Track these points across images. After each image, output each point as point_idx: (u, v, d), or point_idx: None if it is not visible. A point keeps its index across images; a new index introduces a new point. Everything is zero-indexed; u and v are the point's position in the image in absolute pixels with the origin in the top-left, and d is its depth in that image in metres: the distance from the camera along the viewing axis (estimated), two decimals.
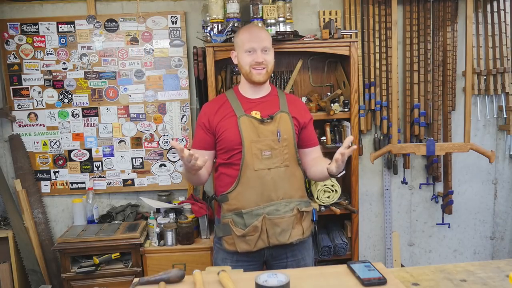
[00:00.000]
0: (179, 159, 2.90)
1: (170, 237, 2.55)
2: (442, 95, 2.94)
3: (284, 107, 1.89)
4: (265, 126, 1.82)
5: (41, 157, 2.90)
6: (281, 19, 2.56)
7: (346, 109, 2.60)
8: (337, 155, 1.65)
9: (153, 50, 2.85)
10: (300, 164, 1.90)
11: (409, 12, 2.88)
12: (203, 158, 1.68)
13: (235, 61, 1.93)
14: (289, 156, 1.84)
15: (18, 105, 2.85)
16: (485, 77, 2.98)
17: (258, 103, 1.89)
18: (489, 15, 2.92)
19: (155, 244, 2.58)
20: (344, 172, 1.74)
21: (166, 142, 2.92)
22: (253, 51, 1.82)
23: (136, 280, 1.28)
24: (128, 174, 2.93)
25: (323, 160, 1.89)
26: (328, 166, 1.73)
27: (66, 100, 2.87)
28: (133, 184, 2.95)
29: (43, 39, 2.81)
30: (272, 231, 1.78)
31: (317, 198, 2.54)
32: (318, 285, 1.24)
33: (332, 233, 2.75)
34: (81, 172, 2.92)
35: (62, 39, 2.82)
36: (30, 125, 2.87)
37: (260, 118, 1.83)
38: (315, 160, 1.93)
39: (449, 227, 3.14)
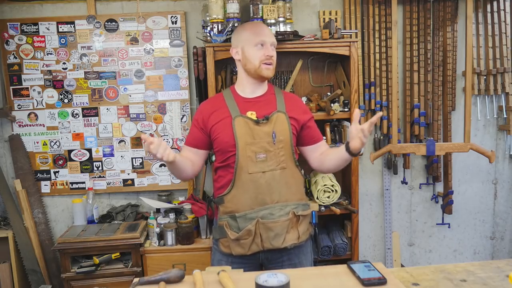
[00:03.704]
0: None
1: (170, 237, 2.55)
2: (442, 95, 2.95)
3: (281, 106, 1.84)
4: (260, 127, 1.77)
5: (41, 157, 2.90)
6: (281, 19, 2.56)
7: (346, 109, 2.60)
8: (356, 132, 1.62)
9: (153, 50, 2.85)
10: (298, 165, 1.86)
11: (409, 12, 2.88)
12: (172, 153, 1.63)
13: (236, 57, 1.86)
14: (285, 158, 1.80)
15: (18, 105, 2.85)
16: (485, 77, 2.98)
17: (254, 103, 1.84)
18: (489, 15, 2.92)
19: (155, 244, 2.58)
20: (363, 151, 1.72)
21: (167, 142, 2.91)
22: (264, 44, 1.80)
23: (136, 280, 1.27)
24: (128, 174, 2.93)
25: (334, 149, 1.85)
26: (351, 144, 1.66)
27: (66, 100, 2.87)
28: (133, 184, 2.95)
29: (43, 39, 2.81)
30: (266, 235, 1.74)
31: (317, 198, 2.54)
32: (318, 285, 1.24)
33: (332, 233, 2.75)
34: (81, 172, 2.92)
35: (62, 39, 2.82)
36: (30, 125, 2.87)
37: (256, 119, 1.79)
38: (325, 153, 1.89)
39: (449, 227, 3.14)
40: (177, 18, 2.83)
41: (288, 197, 1.80)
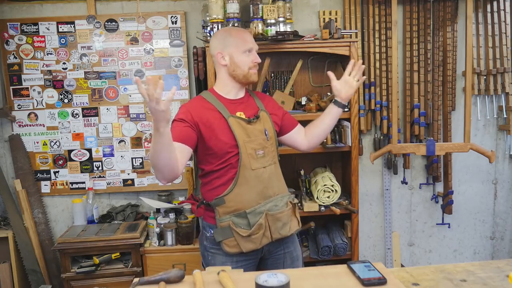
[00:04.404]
0: None
1: (170, 237, 2.55)
2: (442, 95, 2.95)
3: (261, 106, 1.92)
4: (252, 126, 1.82)
5: (41, 157, 2.90)
6: (281, 19, 2.56)
7: (346, 109, 2.59)
8: (341, 86, 1.88)
9: (153, 50, 2.85)
10: (279, 160, 1.95)
11: (409, 12, 2.88)
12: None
13: (222, 62, 1.82)
14: (275, 154, 1.89)
15: (18, 105, 2.85)
16: (485, 77, 2.98)
17: (239, 104, 1.87)
18: (489, 15, 2.93)
19: (155, 244, 2.59)
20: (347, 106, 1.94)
21: None
22: (251, 51, 1.84)
23: (136, 280, 1.27)
24: (128, 174, 2.94)
25: (316, 119, 2.00)
26: (343, 94, 1.88)
27: (66, 100, 2.87)
28: (133, 184, 2.95)
29: (43, 39, 2.81)
30: (274, 226, 1.80)
31: (317, 198, 2.54)
32: (318, 285, 1.24)
33: (332, 233, 2.75)
34: (81, 172, 2.92)
35: (62, 39, 2.82)
36: (30, 125, 2.87)
37: (247, 118, 1.83)
38: (307, 128, 2.02)
39: (449, 227, 3.14)
40: (177, 18, 2.83)
41: (282, 189, 1.91)
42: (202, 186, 1.87)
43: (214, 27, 2.45)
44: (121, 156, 2.92)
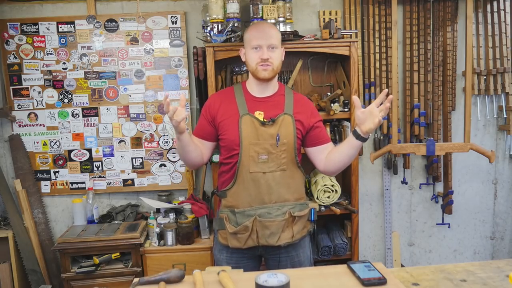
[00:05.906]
0: (179, 159, 2.91)
1: (170, 237, 2.55)
2: (442, 95, 2.95)
3: (288, 109, 1.85)
4: (265, 128, 1.81)
5: (41, 157, 2.90)
6: (281, 19, 2.56)
7: (346, 109, 2.60)
8: (364, 116, 1.60)
9: (153, 50, 2.85)
10: (300, 167, 1.89)
11: (409, 12, 2.88)
12: (182, 114, 1.66)
13: (243, 58, 1.91)
14: (287, 160, 1.83)
15: (18, 105, 2.85)
16: (485, 77, 2.98)
17: (263, 103, 1.87)
18: (489, 15, 2.93)
19: (155, 244, 2.58)
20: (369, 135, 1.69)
21: (166, 142, 2.92)
22: (260, 48, 1.81)
23: (136, 280, 1.28)
24: (128, 174, 2.93)
25: (339, 145, 1.85)
26: (363, 127, 1.62)
27: (66, 100, 2.87)
28: (133, 184, 2.95)
29: (43, 39, 2.81)
30: (262, 232, 1.81)
31: (317, 198, 2.54)
32: (318, 285, 1.24)
33: (332, 233, 2.75)
34: (81, 172, 2.92)
35: (62, 39, 2.82)
36: (30, 125, 2.87)
37: (262, 120, 1.82)
38: (329, 152, 1.87)
39: (449, 227, 3.14)
40: (177, 18, 2.83)
41: (287, 197, 1.85)
42: (218, 175, 1.99)
43: (214, 27, 2.45)
44: (121, 156, 2.92)
